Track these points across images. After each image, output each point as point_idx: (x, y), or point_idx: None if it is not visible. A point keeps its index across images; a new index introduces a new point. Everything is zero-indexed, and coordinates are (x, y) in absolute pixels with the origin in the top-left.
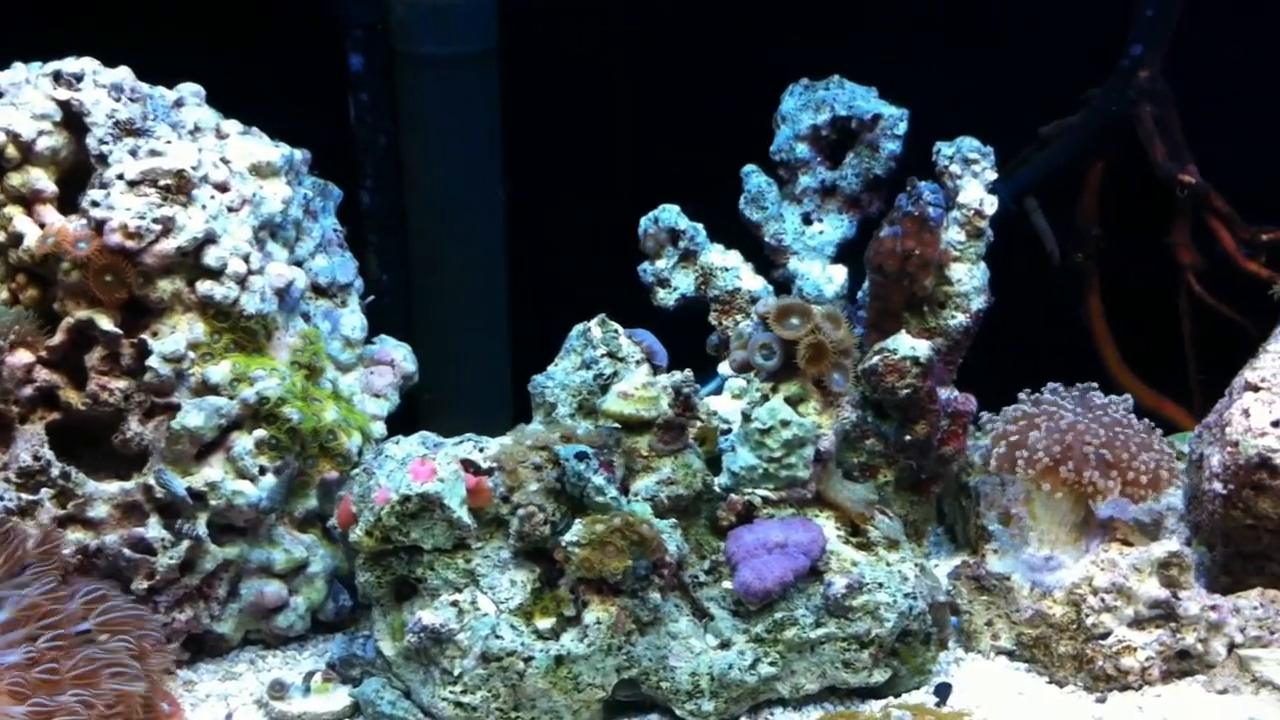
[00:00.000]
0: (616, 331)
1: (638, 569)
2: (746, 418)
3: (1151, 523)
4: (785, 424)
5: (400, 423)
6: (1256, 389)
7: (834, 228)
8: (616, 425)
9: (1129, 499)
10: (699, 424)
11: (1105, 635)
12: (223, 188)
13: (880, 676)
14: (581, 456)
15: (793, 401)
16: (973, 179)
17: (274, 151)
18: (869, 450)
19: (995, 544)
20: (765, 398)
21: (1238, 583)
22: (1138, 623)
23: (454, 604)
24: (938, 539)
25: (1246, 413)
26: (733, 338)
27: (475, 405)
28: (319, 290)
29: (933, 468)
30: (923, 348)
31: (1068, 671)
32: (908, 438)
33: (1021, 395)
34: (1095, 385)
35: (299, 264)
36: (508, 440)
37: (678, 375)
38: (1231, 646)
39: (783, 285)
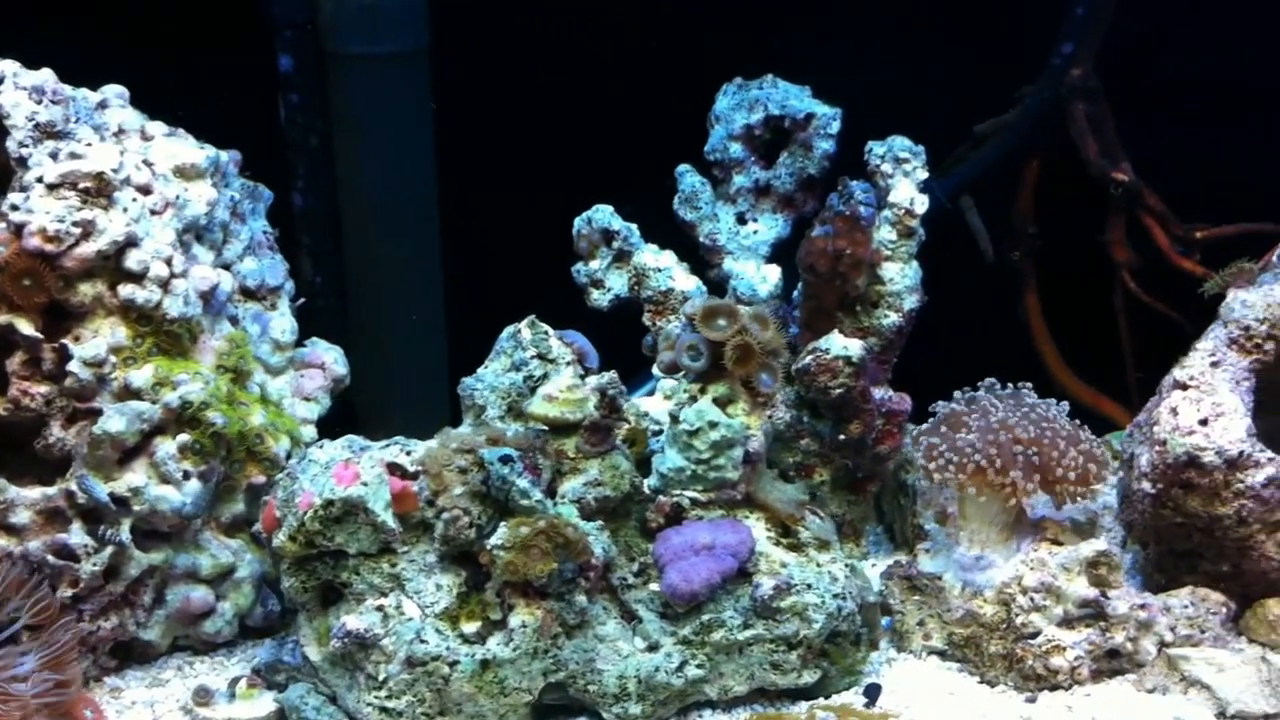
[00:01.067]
0: (547, 333)
1: (564, 572)
2: (674, 419)
3: (1087, 521)
4: (713, 425)
5: (336, 426)
6: (1185, 387)
7: (769, 227)
8: (544, 427)
9: (1059, 498)
10: (627, 425)
11: (1035, 635)
12: (145, 190)
13: (810, 678)
14: (506, 460)
15: (721, 403)
16: (904, 178)
17: (199, 153)
18: (804, 450)
19: (928, 544)
20: (693, 399)
21: (1171, 581)
22: (1067, 622)
23: (379, 608)
24: (877, 538)
25: (1174, 411)
26: (660, 339)
27: (412, 408)
28: (248, 293)
29: (869, 467)
30: (855, 347)
31: (998, 671)
32: (842, 437)
33: (956, 394)
34: (1029, 385)
35: (226, 267)
36: (434, 444)
37: (603, 377)
38: (1162, 645)
39: (718, 285)
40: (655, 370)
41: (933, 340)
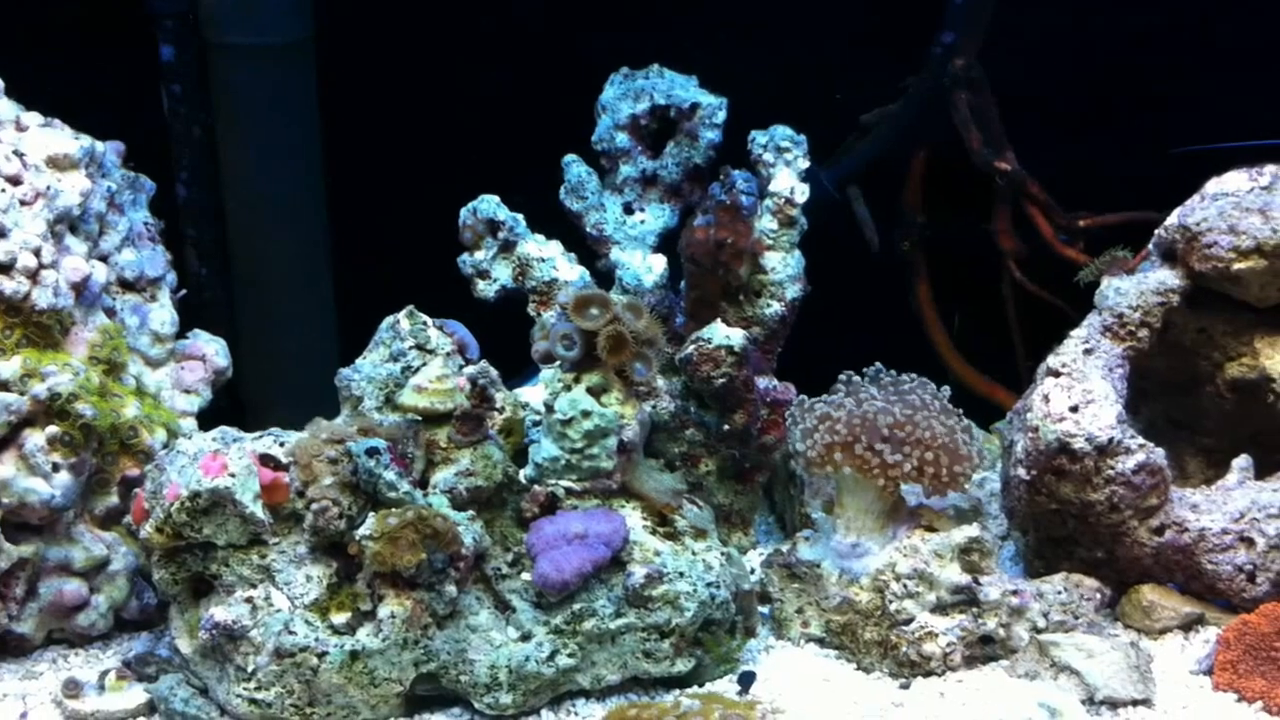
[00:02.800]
0: (425, 323)
1: (434, 562)
2: (549, 409)
3: (971, 509)
4: (586, 414)
5: (224, 419)
6: (1057, 374)
7: (655, 217)
8: (416, 418)
9: (931, 485)
10: (503, 415)
11: (908, 621)
12: (15, 180)
13: (683, 666)
14: (372, 452)
15: (595, 392)
16: (785, 167)
17: (73, 144)
18: (690, 440)
19: (807, 532)
20: (567, 388)
21: (1050, 567)
22: (940, 608)
23: (248, 600)
24: (769, 528)
25: (1046, 398)
26: (536, 329)
27: (301, 400)
28: (126, 285)
29: (754, 457)
30: (737, 336)
31: (874, 658)
32: (726, 427)
33: (840, 378)
34: (898, 373)
35: (103, 258)
36: (305, 435)
37: (474, 367)
38: (1036, 631)
39: (606, 275)
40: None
41: (826, 331)
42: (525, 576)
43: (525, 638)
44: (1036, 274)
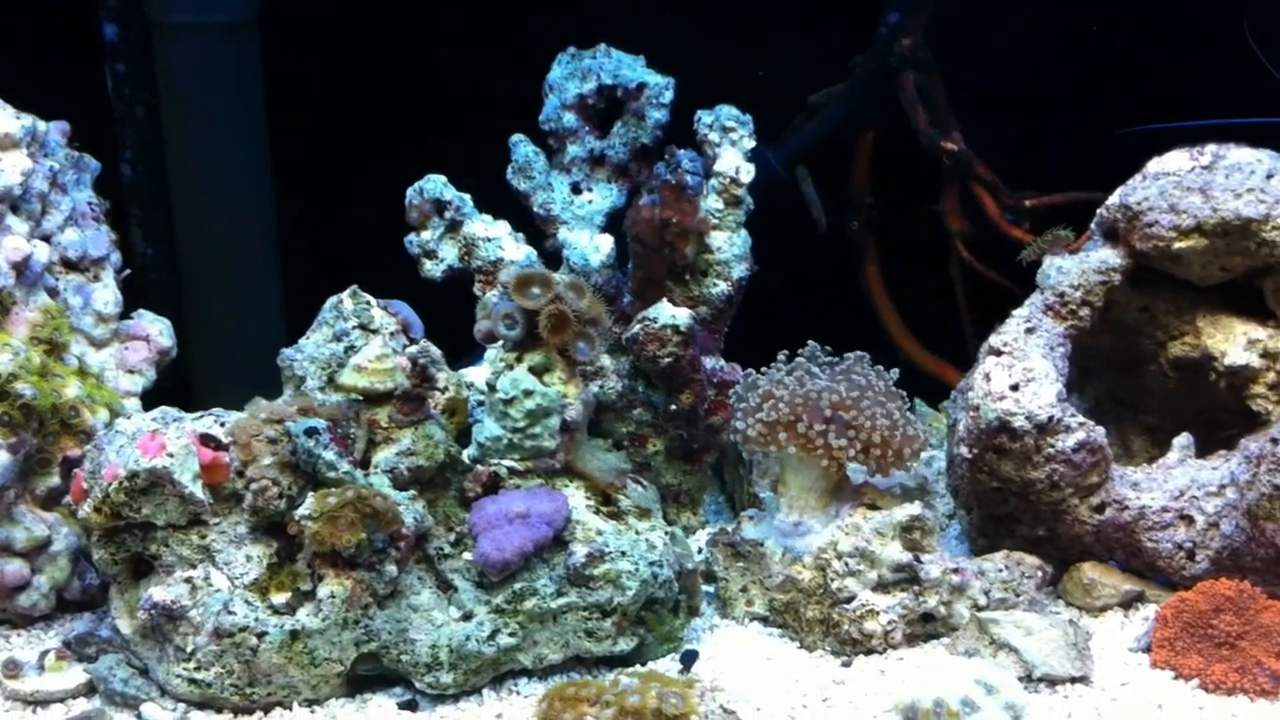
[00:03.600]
0: (369, 303)
1: (374, 542)
2: (491, 388)
3: (917, 487)
4: (528, 394)
5: (168, 400)
6: (999, 353)
7: (603, 197)
8: (358, 398)
9: (875, 464)
10: (446, 395)
11: (850, 599)
12: None
13: (626, 645)
14: (311, 432)
15: (537, 371)
16: (730, 147)
17: (14, 123)
18: (637, 420)
19: (752, 510)
20: (509, 368)
21: (994, 545)
22: (882, 587)
23: (188, 580)
24: (719, 507)
25: (987, 377)
26: (479, 308)
27: (249, 380)
28: (70, 265)
29: (702, 437)
30: (683, 316)
31: (816, 636)
32: (674, 407)
33: (781, 356)
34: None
35: (46, 238)
36: (244, 414)
37: (415, 347)
38: (977, 609)
39: (554, 255)
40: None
41: (776, 311)
42: (467, 556)
43: (467, 617)
44: (985, 254)
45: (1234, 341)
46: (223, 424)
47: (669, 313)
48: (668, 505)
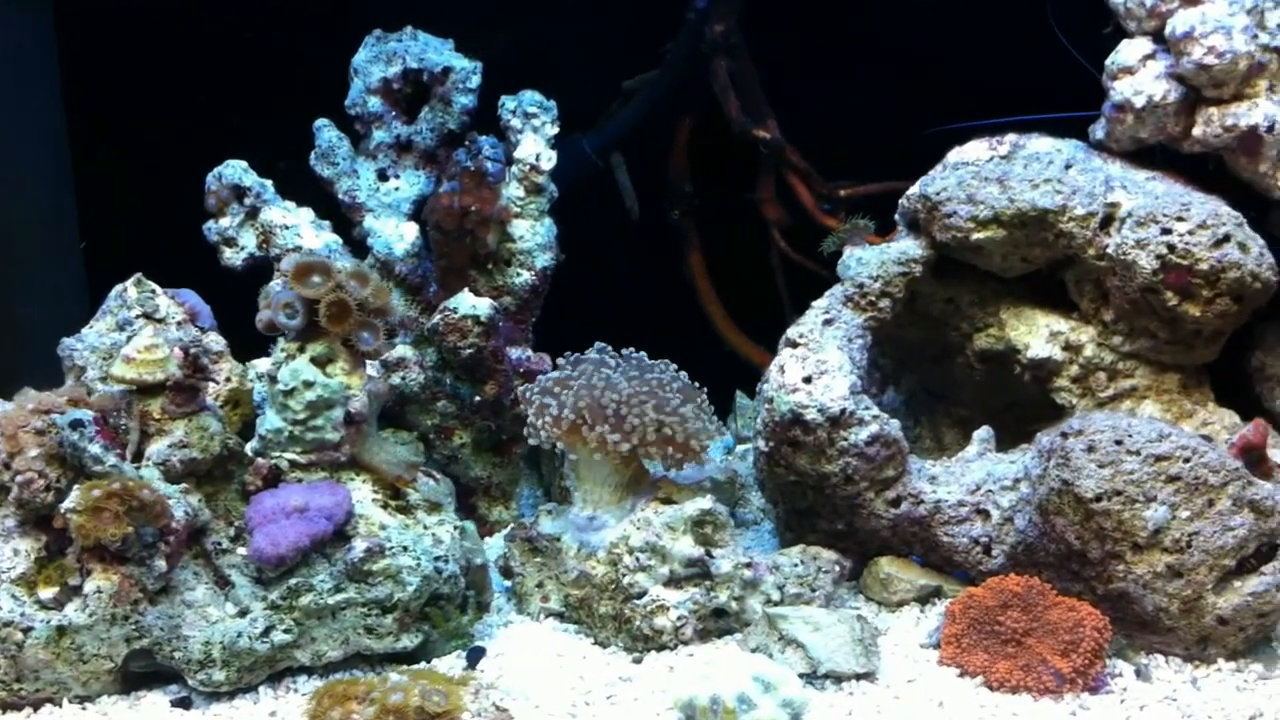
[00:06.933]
0: (154, 291)
1: (143, 536)
2: (272, 379)
3: (727, 481)
4: (308, 385)
5: None
6: (795, 345)
7: (410, 184)
8: (130, 388)
9: (666, 459)
10: (228, 386)
11: (641, 595)
12: None
13: (409, 642)
14: (76, 424)
15: (319, 362)
16: (532, 133)
17: None
18: (442, 412)
19: (550, 505)
20: (291, 358)
21: (799, 539)
22: (674, 582)
23: None
24: (538, 500)
25: (782, 369)
26: (261, 297)
27: (48, 370)
28: None
29: (511, 428)
30: (484, 306)
31: (609, 632)
32: (478, 399)
33: (561, 358)
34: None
35: None
36: (11, 405)
37: (187, 336)
38: (771, 604)
39: (362, 244)
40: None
41: (601, 301)
42: (242, 551)
43: (242, 613)
44: (805, 242)
45: (1037, 334)
46: None
47: (469, 303)
48: (479, 498)
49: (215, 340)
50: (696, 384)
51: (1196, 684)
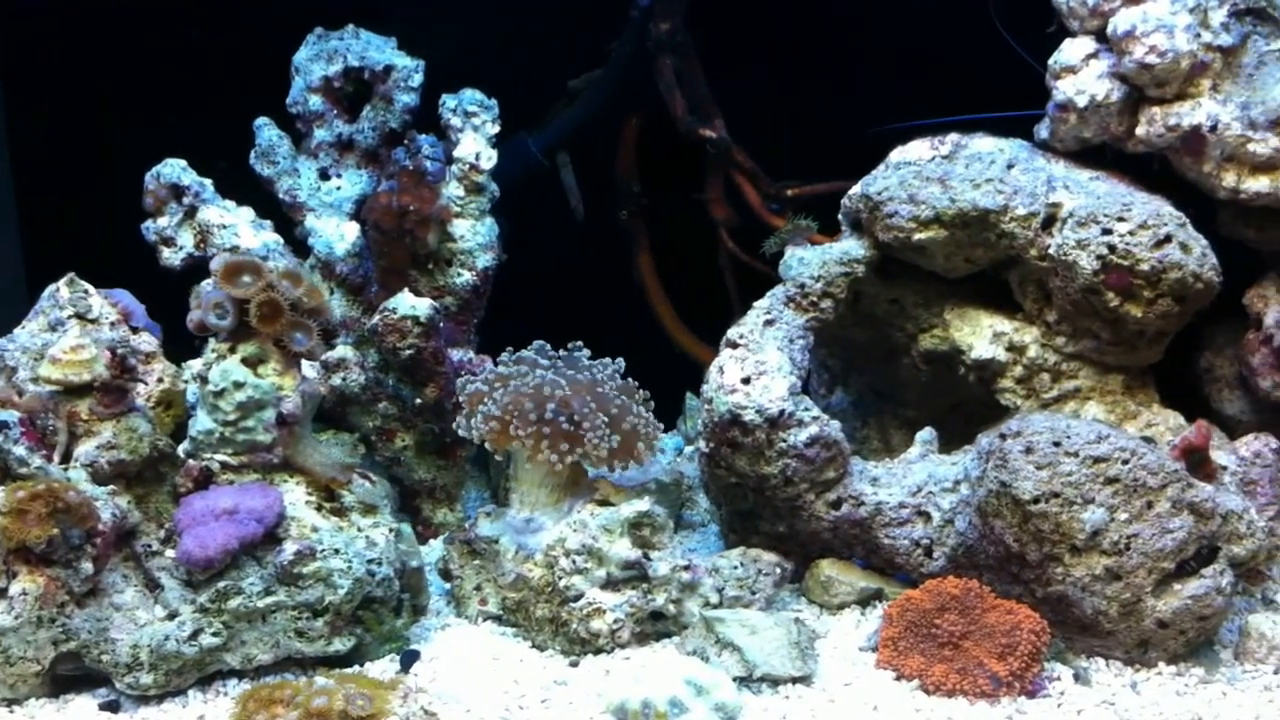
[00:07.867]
0: (87, 291)
1: (69, 538)
2: (202, 380)
3: (672, 483)
4: (239, 385)
5: None
6: (735, 345)
7: (352, 184)
8: (58, 389)
9: (603, 461)
10: (160, 386)
11: (578, 598)
12: None
13: (342, 645)
14: (0, 426)
15: (251, 363)
16: (472, 132)
17: None
18: (383, 414)
19: (489, 507)
20: (221, 358)
21: (743, 540)
22: (611, 584)
23: None
24: (484, 502)
25: (721, 370)
26: (192, 297)
27: None
28: None
29: (455, 432)
30: (423, 307)
31: (547, 636)
32: (419, 400)
33: (503, 355)
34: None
35: None
36: None
37: (114, 336)
38: (709, 606)
39: (303, 243)
40: None
41: (547, 303)
42: (170, 554)
43: (171, 616)
44: (754, 243)
45: (981, 335)
46: None
47: (409, 303)
48: (422, 501)
49: (146, 341)
50: (636, 384)
51: (1136, 688)
